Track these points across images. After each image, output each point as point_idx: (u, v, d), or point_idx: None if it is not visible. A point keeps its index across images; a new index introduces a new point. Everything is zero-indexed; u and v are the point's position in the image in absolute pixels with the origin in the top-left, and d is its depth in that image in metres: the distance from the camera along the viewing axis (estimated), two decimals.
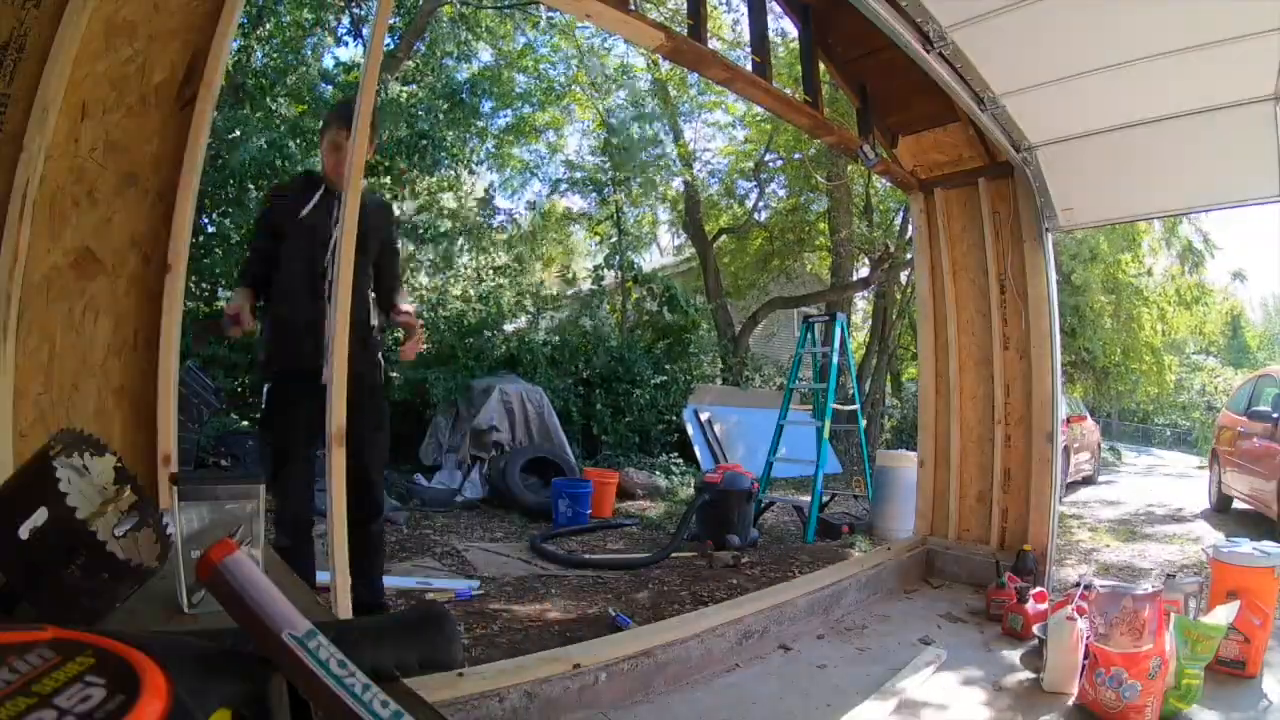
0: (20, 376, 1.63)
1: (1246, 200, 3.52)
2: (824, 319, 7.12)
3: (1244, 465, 6.33)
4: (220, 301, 7.26)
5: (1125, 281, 11.59)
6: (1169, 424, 23.70)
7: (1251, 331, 30.45)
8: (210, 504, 0.80)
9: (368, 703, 0.44)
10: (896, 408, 13.14)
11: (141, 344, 1.88)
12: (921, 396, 4.49)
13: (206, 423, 5.31)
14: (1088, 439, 9.50)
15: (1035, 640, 2.72)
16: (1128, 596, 2.38)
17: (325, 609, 1.19)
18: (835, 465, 8.61)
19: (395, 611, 2.30)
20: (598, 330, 9.53)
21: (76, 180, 1.73)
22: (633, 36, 2.84)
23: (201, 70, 1.89)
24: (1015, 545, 3.75)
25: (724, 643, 2.72)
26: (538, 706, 2.11)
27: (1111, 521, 6.64)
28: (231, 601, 0.47)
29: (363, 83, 2.15)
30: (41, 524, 0.63)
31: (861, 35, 3.36)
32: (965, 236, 4.21)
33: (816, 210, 12.17)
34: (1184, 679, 2.36)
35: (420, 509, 5.47)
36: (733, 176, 12.58)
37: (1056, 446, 3.84)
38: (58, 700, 0.35)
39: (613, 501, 6.00)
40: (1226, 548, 2.90)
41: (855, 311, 14.01)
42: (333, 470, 2.00)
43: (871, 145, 3.93)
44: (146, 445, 1.88)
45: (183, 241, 1.91)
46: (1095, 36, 2.87)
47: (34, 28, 1.60)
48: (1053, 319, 3.85)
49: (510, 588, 3.70)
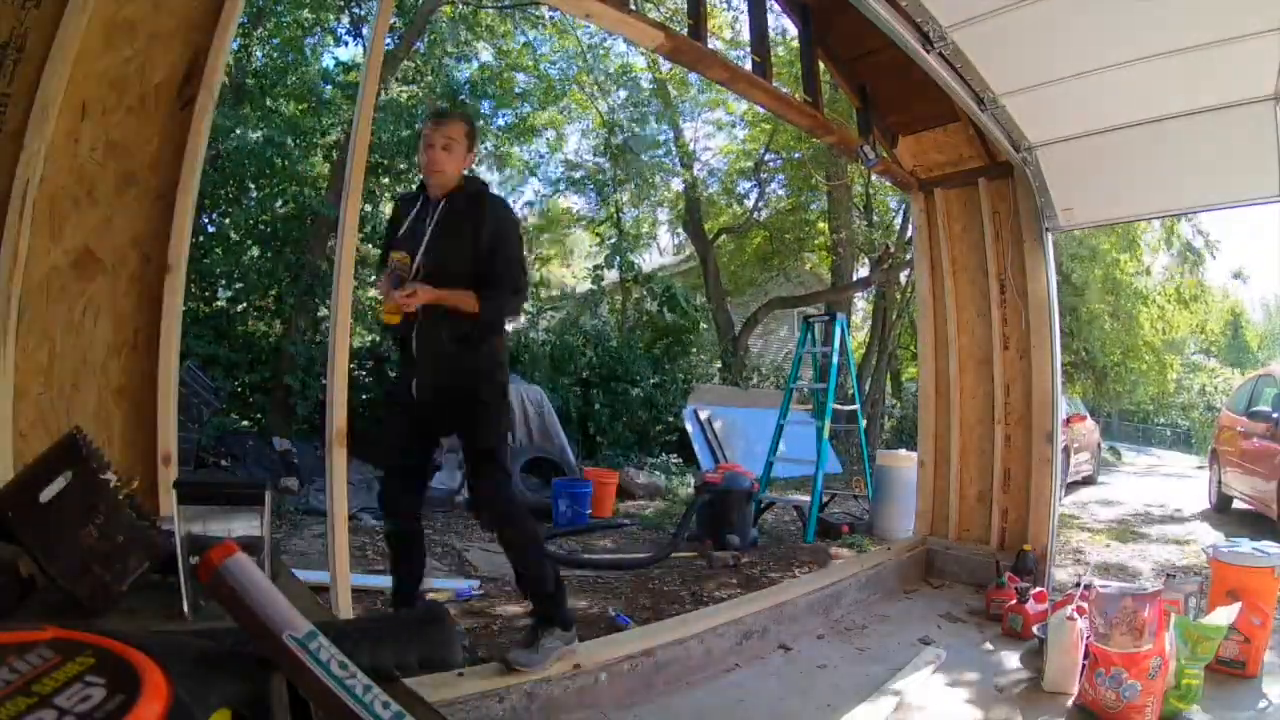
0: (20, 376, 1.64)
1: (1246, 200, 3.53)
2: (824, 319, 7.11)
3: (1244, 465, 6.32)
4: (220, 301, 7.27)
5: (1125, 281, 11.58)
6: (1169, 424, 23.69)
7: (1252, 331, 30.43)
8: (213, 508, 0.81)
9: (369, 704, 0.44)
10: (896, 408, 13.14)
11: (141, 344, 1.88)
12: (921, 396, 4.50)
13: (206, 423, 5.31)
14: (1088, 439, 9.50)
15: (1035, 640, 2.72)
16: (1128, 596, 2.38)
17: (325, 610, 1.19)
18: (835, 465, 8.59)
19: (395, 612, 2.30)
20: (597, 330, 9.53)
21: (76, 180, 1.73)
22: (633, 36, 2.84)
23: (201, 70, 1.89)
24: (1015, 545, 3.75)
25: (724, 643, 2.72)
26: (538, 706, 2.12)
27: (1111, 521, 6.64)
28: (232, 603, 0.47)
29: (363, 83, 2.16)
30: (63, 487, 0.66)
31: (861, 35, 3.36)
32: (965, 236, 4.21)
33: (816, 210, 12.17)
34: (1184, 679, 2.36)
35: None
36: (732, 176, 12.58)
37: (1056, 446, 3.84)
38: (58, 700, 0.35)
39: (612, 501, 6.00)
40: (1226, 548, 2.90)
41: (855, 311, 14.01)
42: (333, 470, 2.00)
43: (871, 145, 3.94)
44: (146, 445, 1.88)
45: (183, 241, 1.91)
46: (1095, 36, 2.87)
47: (34, 28, 1.60)
48: (1053, 319, 3.85)
49: (510, 588, 3.68)
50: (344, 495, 2.04)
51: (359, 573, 3.52)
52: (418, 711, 0.46)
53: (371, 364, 7.78)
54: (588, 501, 5.51)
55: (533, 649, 2.16)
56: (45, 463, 0.70)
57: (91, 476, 0.69)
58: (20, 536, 0.66)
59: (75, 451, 0.69)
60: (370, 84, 2.15)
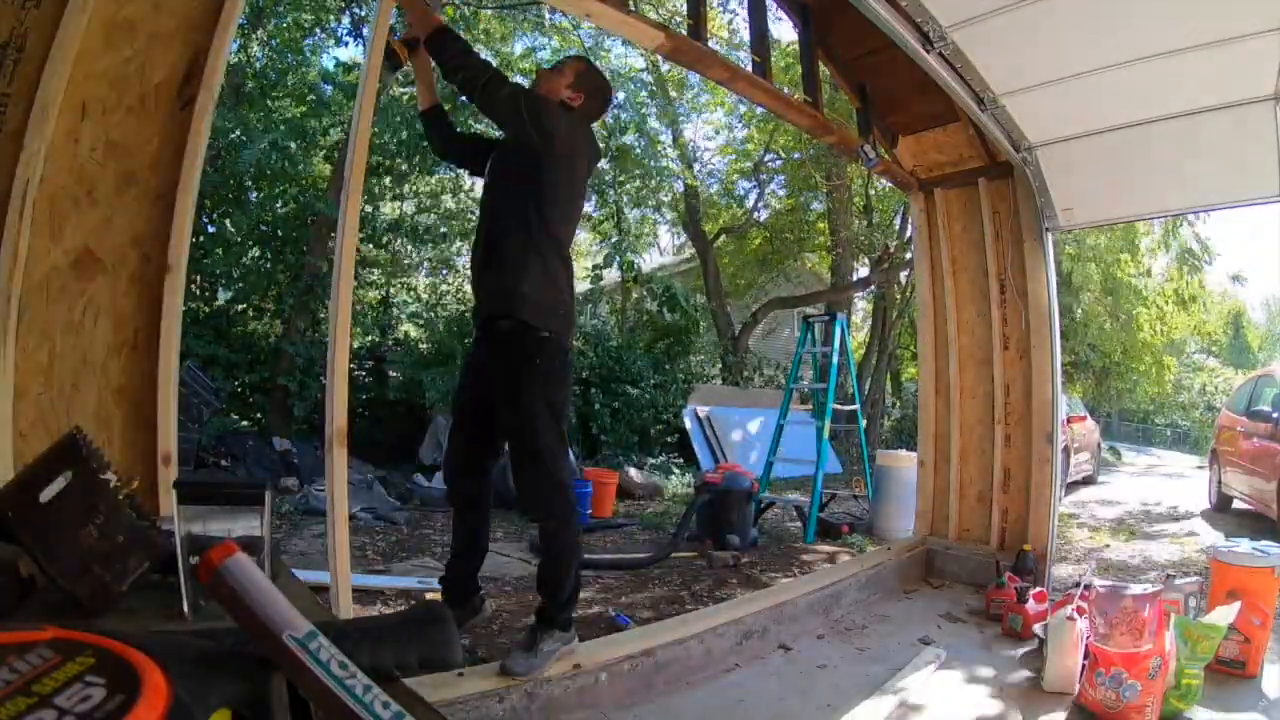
0: (20, 376, 1.63)
1: (1246, 200, 3.52)
2: (824, 319, 7.12)
3: (1244, 465, 6.32)
4: (220, 302, 7.28)
5: (1125, 282, 11.58)
6: (1169, 424, 23.71)
7: (1253, 332, 30.45)
8: (213, 508, 0.81)
9: (369, 704, 0.44)
10: (896, 408, 13.14)
11: (141, 344, 1.88)
12: (921, 396, 4.50)
13: (207, 423, 5.31)
14: (1088, 439, 9.50)
15: (1035, 640, 2.72)
16: (1128, 596, 2.38)
17: (325, 610, 1.19)
18: (835, 465, 8.60)
19: (395, 611, 2.30)
20: (597, 330, 9.53)
21: (76, 180, 1.73)
22: (633, 36, 2.84)
23: (201, 70, 1.89)
24: (1015, 545, 3.75)
25: (724, 643, 2.72)
26: (538, 706, 2.11)
27: (1111, 521, 6.64)
28: (232, 603, 0.47)
29: (363, 83, 2.16)
30: (63, 487, 0.66)
31: (861, 35, 3.36)
32: (965, 236, 4.21)
33: (816, 210, 12.17)
34: (1184, 679, 2.36)
35: (420, 509, 5.47)
36: (732, 176, 12.58)
37: (1056, 446, 3.84)
38: (58, 700, 0.35)
39: (613, 501, 6.00)
40: (1226, 548, 2.90)
41: (855, 311, 14.02)
42: (333, 470, 2.00)
43: (871, 145, 3.93)
44: (146, 445, 1.88)
45: (183, 241, 1.91)
46: (1095, 37, 2.87)
47: (34, 28, 1.60)
48: (1053, 319, 3.85)
49: (510, 588, 3.70)
50: (344, 495, 2.04)
51: (359, 573, 3.52)
52: (418, 711, 0.46)
53: (371, 364, 7.79)
54: (588, 501, 5.51)
55: (531, 653, 2.13)
56: (45, 463, 0.71)
57: (91, 476, 0.69)
58: (20, 536, 0.67)
59: (75, 451, 0.70)
60: (370, 84, 2.14)
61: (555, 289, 2.14)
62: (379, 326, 8.56)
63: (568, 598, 2.22)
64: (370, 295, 8.78)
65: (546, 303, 2.11)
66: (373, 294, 8.92)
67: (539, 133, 2.07)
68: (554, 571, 2.22)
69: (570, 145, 2.19)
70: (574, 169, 2.23)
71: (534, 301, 2.08)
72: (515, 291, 2.07)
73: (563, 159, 2.16)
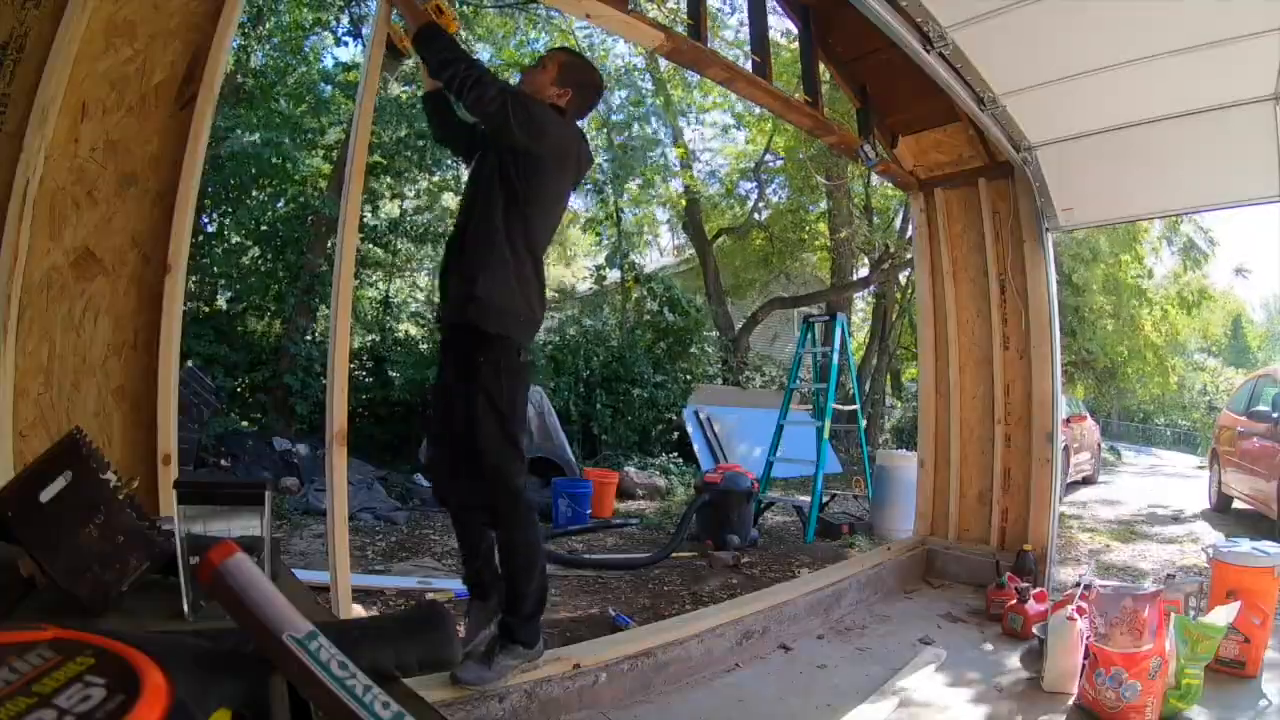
0: (20, 376, 1.64)
1: (1246, 200, 3.52)
2: (824, 319, 7.11)
3: (1244, 465, 6.32)
4: (220, 302, 7.28)
5: (1126, 282, 11.57)
6: (1169, 424, 23.71)
7: (1253, 332, 30.44)
8: (213, 508, 0.81)
9: (369, 704, 0.44)
10: (896, 408, 13.14)
11: (141, 344, 1.88)
12: (921, 396, 4.49)
13: (206, 423, 5.31)
14: (1088, 439, 9.50)
15: (1035, 640, 2.72)
16: (1128, 596, 2.38)
17: (325, 610, 1.19)
18: (835, 465, 8.60)
19: (395, 611, 2.29)
20: (598, 330, 9.53)
21: (76, 180, 1.73)
22: (633, 36, 2.84)
23: (201, 70, 1.90)
24: (1015, 545, 3.75)
25: (724, 643, 2.72)
26: (538, 706, 2.11)
27: (1111, 521, 6.64)
28: (232, 603, 0.47)
29: (363, 83, 2.16)
30: (63, 487, 0.66)
31: (862, 35, 3.36)
32: (965, 236, 4.21)
33: (816, 210, 12.16)
34: (1184, 679, 2.36)
35: (420, 509, 5.47)
36: (732, 177, 12.58)
37: (1056, 446, 3.84)
38: (58, 700, 0.35)
39: (613, 501, 6.00)
40: (1226, 548, 2.90)
41: (855, 311, 14.01)
42: (333, 470, 2.00)
43: (872, 145, 3.93)
44: (146, 445, 1.88)
45: (183, 241, 1.91)
46: (1095, 37, 2.87)
47: (34, 28, 1.61)
48: (1053, 319, 3.85)
49: None
50: (344, 495, 2.04)
51: (359, 573, 3.53)
52: (418, 711, 0.46)
53: (371, 364, 7.79)
54: (588, 501, 5.51)
55: (484, 664, 2.01)
56: (45, 463, 0.71)
57: (91, 476, 0.69)
58: (20, 536, 0.67)
59: (75, 451, 0.70)
60: (370, 84, 2.15)
61: (516, 293, 2.05)
62: (379, 326, 8.55)
63: (531, 611, 2.10)
64: (370, 295, 8.77)
65: (506, 307, 2.03)
66: (372, 294, 8.91)
67: (525, 136, 2.01)
68: (513, 585, 2.09)
69: (556, 148, 2.12)
70: (558, 172, 2.16)
71: (492, 305, 2.01)
72: (472, 294, 2.00)
73: (546, 162, 2.09)
